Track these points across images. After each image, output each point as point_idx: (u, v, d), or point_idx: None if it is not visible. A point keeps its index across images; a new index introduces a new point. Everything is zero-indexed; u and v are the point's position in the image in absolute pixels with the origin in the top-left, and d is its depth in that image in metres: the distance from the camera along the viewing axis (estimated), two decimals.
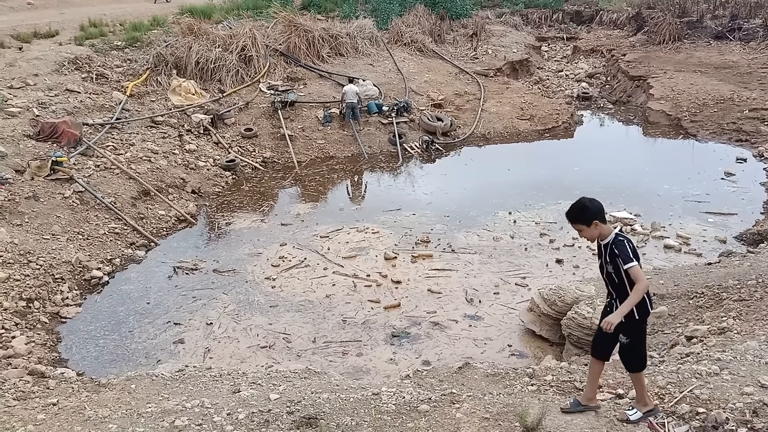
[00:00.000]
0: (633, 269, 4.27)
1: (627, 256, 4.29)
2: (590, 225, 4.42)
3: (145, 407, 5.42)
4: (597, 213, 4.43)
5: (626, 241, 4.37)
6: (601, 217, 4.44)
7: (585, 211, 4.44)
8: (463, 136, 17.09)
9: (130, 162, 13.14)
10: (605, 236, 4.46)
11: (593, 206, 4.45)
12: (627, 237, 4.45)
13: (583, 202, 4.48)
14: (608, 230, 4.47)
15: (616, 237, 4.42)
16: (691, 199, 12.86)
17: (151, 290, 9.97)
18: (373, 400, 5.39)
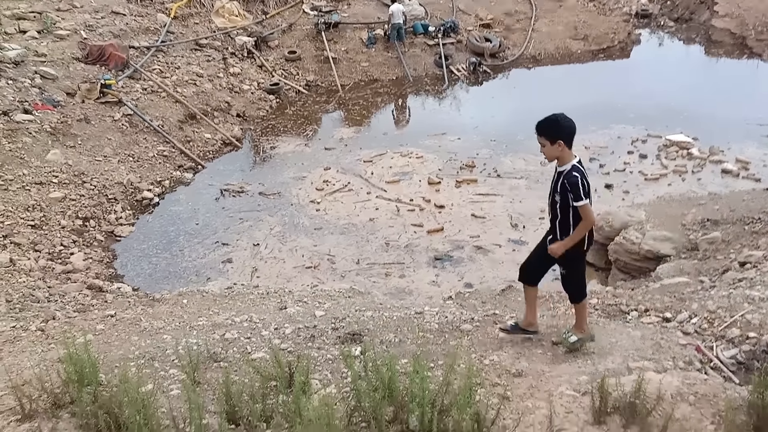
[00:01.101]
0: (583, 207, 4.15)
1: (579, 194, 4.11)
2: (554, 143, 4.18)
3: (196, 321, 5.63)
4: (564, 132, 4.17)
5: (581, 177, 4.14)
6: (566, 138, 4.18)
7: (553, 126, 4.18)
8: (512, 57, 16.43)
9: (176, 85, 13.19)
10: (564, 162, 4.24)
11: (564, 124, 4.18)
12: (583, 171, 4.23)
13: (555, 116, 4.21)
14: (569, 157, 4.23)
15: (571, 169, 4.19)
16: (753, 122, 12.17)
17: (200, 211, 10.21)
18: (416, 318, 5.46)
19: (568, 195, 4.17)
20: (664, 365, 4.14)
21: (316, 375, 4.25)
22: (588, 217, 4.19)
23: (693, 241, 7.40)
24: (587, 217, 4.18)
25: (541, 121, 4.24)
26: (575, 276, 4.53)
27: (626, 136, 12.01)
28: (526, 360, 4.52)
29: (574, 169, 4.19)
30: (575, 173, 4.16)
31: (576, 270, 4.52)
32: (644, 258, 7.56)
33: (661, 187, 10.24)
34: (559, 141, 4.16)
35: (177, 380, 4.23)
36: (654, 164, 11.02)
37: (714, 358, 4.39)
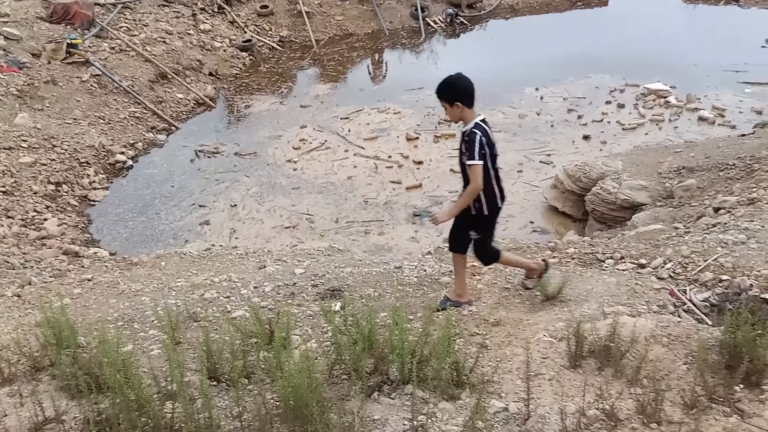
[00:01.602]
0: (473, 168, 4.10)
1: (473, 153, 4.09)
2: (452, 105, 4.16)
3: (175, 282, 5.61)
4: (461, 94, 4.14)
5: (479, 136, 4.10)
6: (465, 99, 4.14)
7: (450, 89, 4.15)
8: (490, 8, 16.19)
9: (145, 44, 12.81)
10: (466, 122, 4.21)
11: (460, 85, 4.14)
12: (484, 130, 4.18)
13: (451, 77, 4.17)
14: (471, 117, 4.20)
15: (473, 127, 4.16)
16: (730, 69, 12.21)
17: (175, 174, 10.06)
18: (395, 273, 5.49)
19: (466, 153, 4.16)
20: (639, 309, 4.22)
21: (297, 331, 4.28)
22: (474, 179, 4.12)
23: (668, 188, 7.48)
24: (474, 178, 4.12)
25: (439, 86, 4.22)
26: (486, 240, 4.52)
27: (604, 85, 11.99)
28: (504, 309, 4.58)
29: (475, 127, 4.16)
30: (475, 130, 4.14)
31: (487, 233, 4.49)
32: (620, 207, 7.64)
33: (639, 136, 10.29)
34: (456, 103, 4.13)
35: (157, 341, 4.23)
36: (632, 114, 11.04)
37: (687, 301, 4.49)
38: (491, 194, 4.32)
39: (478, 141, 4.09)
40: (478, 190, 4.16)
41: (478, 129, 4.15)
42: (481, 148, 4.10)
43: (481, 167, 4.12)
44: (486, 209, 4.33)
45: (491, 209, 4.37)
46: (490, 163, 4.25)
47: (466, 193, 4.20)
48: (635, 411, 3.19)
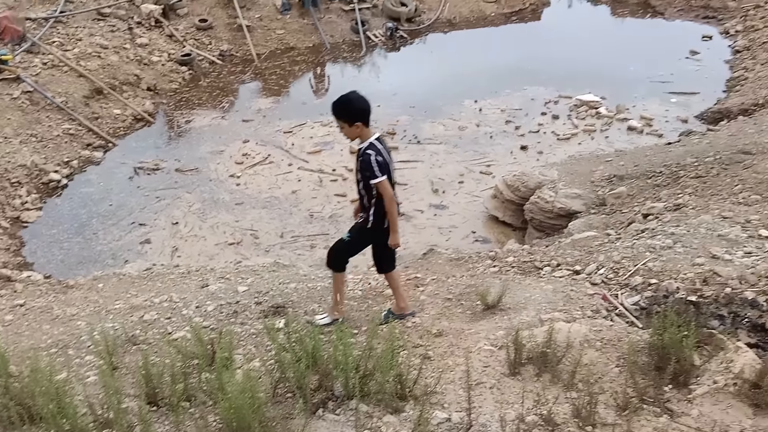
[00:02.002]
0: (379, 184, 4.19)
1: (373, 172, 4.16)
2: (352, 125, 4.19)
3: (113, 304, 5.47)
4: (361, 113, 4.19)
5: (374, 156, 4.16)
6: (363, 118, 4.20)
7: (349, 109, 4.20)
8: (428, 22, 16.46)
9: (79, 58, 12.44)
10: (363, 140, 4.27)
11: (359, 106, 4.20)
12: (379, 148, 4.23)
13: (349, 96, 4.23)
14: (368, 135, 4.25)
15: (367, 147, 4.21)
16: (656, 79, 12.80)
17: (113, 192, 9.80)
18: None
19: (366, 174, 4.22)
20: (574, 315, 4.38)
21: (240, 350, 4.25)
22: (385, 193, 4.21)
23: (601, 196, 7.78)
24: (386, 192, 4.21)
25: (335, 106, 4.25)
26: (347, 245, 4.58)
27: (539, 97, 12.37)
28: (446, 320, 4.68)
29: (369, 147, 4.20)
30: (369, 151, 4.18)
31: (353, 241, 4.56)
32: (557, 215, 7.90)
33: (573, 146, 10.66)
34: (357, 123, 4.17)
35: (93, 366, 4.12)
36: (566, 124, 11.43)
37: (619, 305, 4.69)
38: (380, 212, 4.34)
39: (374, 161, 4.15)
40: (393, 198, 4.27)
41: (372, 149, 4.20)
42: (379, 165, 4.16)
43: (386, 181, 4.20)
44: (371, 224, 4.40)
45: (376, 225, 4.41)
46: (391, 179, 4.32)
47: (387, 208, 4.26)
48: (571, 415, 3.32)
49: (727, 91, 11.99)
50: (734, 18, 14.85)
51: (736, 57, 13.25)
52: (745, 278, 4.70)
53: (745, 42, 13.49)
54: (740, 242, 5.30)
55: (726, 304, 4.47)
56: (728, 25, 14.72)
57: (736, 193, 6.37)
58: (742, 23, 14.43)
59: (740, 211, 5.90)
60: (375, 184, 4.20)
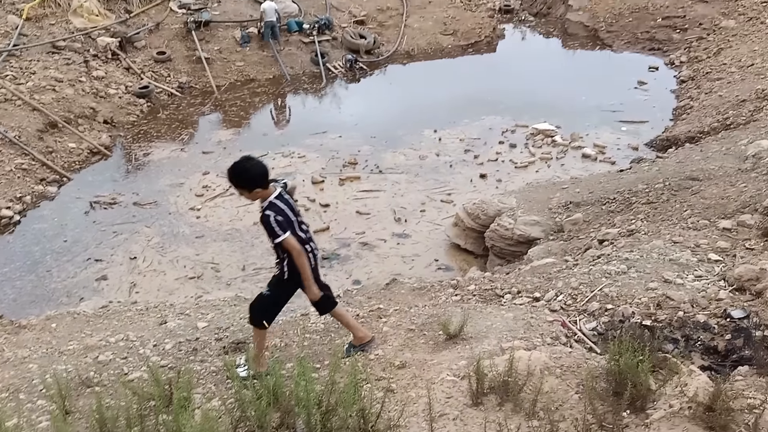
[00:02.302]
0: (284, 242, 4.14)
1: (274, 232, 4.12)
2: (251, 191, 4.14)
3: (66, 345, 5.30)
4: (258, 179, 4.11)
5: (273, 215, 4.10)
6: (262, 183, 4.13)
7: (246, 177, 4.11)
8: (387, 53, 16.76)
9: (33, 92, 12.22)
10: (264, 200, 4.21)
11: (256, 172, 4.12)
12: (278, 207, 4.15)
13: (243, 165, 4.14)
14: (268, 194, 4.19)
15: (266, 207, 4.15)
16: (607, 108, 13.26)
17: (68, 227, 9.57)
18: (302, 320, 5.47)
19: (268, 234, 4.18)
20: (534, 342, 4.43)
21: (199, 389, 4.16)
22: (293, 248, 4.16)
23: (559, 223, 7.95)
24: (291, 249, 4.16)
25: (231, 175, 4.16)
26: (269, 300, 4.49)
27: (497, 126, 12.65)
28: (409, 351, 4.67)
29: (268, 207, 4.14)
30: (267, 212, 4.12)
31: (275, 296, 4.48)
32: (517, 242, 8.03)
33: (530, 174, 10.90)
34: (256, 189, 4.12)
35: (45, 411, 3.97)
36: (523, 152, 11.70)
37: (577, 331, 4.77)
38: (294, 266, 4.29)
39: (273, 221, 4.09)
40: (301, 252, 4.20)
41: (271, 208, 4.13)
42: (279, 225, 4.10)
43: (290, 237, 4.13)
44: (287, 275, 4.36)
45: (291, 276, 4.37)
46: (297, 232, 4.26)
47: (297, 263, 4.21)
48: None
49: (674, 120, 12.48)
50: (678, 50, 15.55)
51: (681, 87, 13.83)
52: (696, 302, 4.85)
53: (690, 72, 14.09)
54: (691, 266, 5.47)
55: (679, 327, 4.60)
56: (673, 56, 15.39)
57: (685, 218, 6.59)
58: (687, 54, 15.11)
59: (690, 235, 6.10)
60: (280, 243, 4.14)
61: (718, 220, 6.26)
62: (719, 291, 4.95)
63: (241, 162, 4.16)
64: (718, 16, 15.92)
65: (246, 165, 4.14)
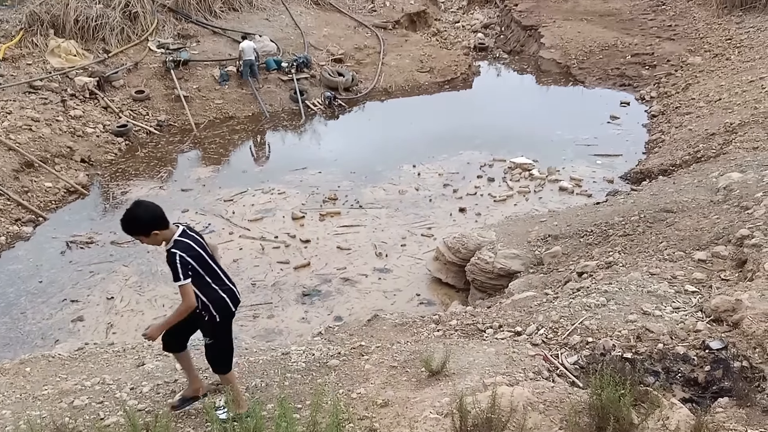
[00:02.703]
0: (181, 288, 3.99)
1: (176, 274, 3.97)
2: (149, 235, 4.01)
3: (41, 390, 5.16)
4: (153, 223, 3.99)
5: (178, 256, 3.97)
6: (158, 224, 4.00)
7: (138, 224, 3.99)
8: (365, 90, 16.99)
9: (8, 132, 12.13)
10: (168, 241, 4.07)
11: (149, 215, 3.99)
12: (185, 245, 4.05)
13: (132, 213, 3.99)
14: (170, 235, 4.06)
15: (172, 246, 4.03)
16: (581, 143, 13.54)
17: (43, 268, 9.41)
18: (282, 359, 5.40)
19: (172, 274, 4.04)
20: (517, 378, 4.43)
21: None
22: (185, 298, 4.00)
23: (538, 256, 8.02)
24: (184, 298, 4.00)
25: (123, 225, 4.05)
26: (222, 345, 4.38)
27: (474, 161, 12.82)
28: (392, 389, 4.64)
29: (174, 246, 4.03)
30: (173, 250, 4.01)
31: (222, 339, 4.36)
32: (498, 276, 8.07)
33: (509, 207, 11.03)
34: (153, 232, 4.00)
35: None
36: (501, 186, 11.85)
37: (559, 365, 4.78)
38: (218, 300, 4.21)
39: (178, 262, 3.96)
40: (189, 308, 4.04)
41: (177, 247, 4.01)
42: (184, 267, 3.97)
43: (188, 286, 4.00)
44: (217, 316, 4.23)
45: (223, 315, 4.26)
46: (204, 271, 4.13)
47: (177, 311, 4.07)
48: None
49: (647, 153, 12.77)
50: (648, 85, 16.01)
51: (652, 121, 14.20)
52: (675, 333, 4.91)
53: (660, 107, 14.49)
54: (668, 298, 5.54)
55: (659, 359, 4.64)
56: (643, 91, 15.83)
57: (661, 249, 6.70)
58: (656, 90, 15.55)
59: (666, 267, 6.20)
60: (178, 287, 4.00)
61: (693, 252, 6.38)
62: (697, 322, 5.02)
63: (131, 210, 4.01)
64: (684, 53, 16.48)
65: (136, 212, 3.99)
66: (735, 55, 15.02)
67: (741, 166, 8.70)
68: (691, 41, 17.03)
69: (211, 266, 4.22)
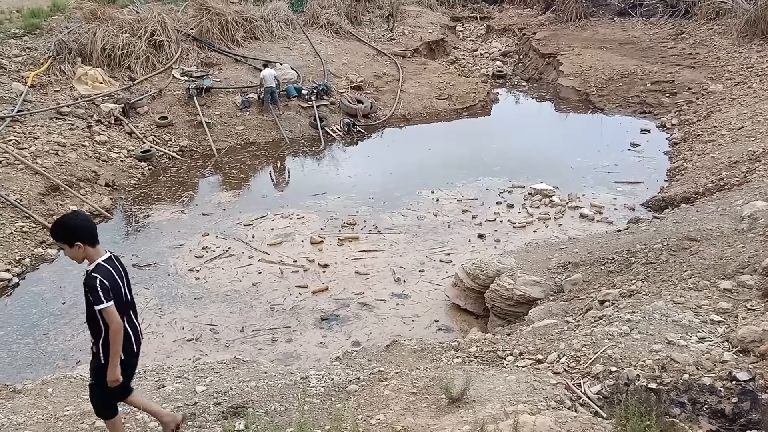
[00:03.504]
0: (105, 311, 3.89)
1: (98, 297, 3.87)
2: (72, 246, 3.93)
3: (63, 410, 5.20)
4: (79, 233, 3.94)
5: (98, 281, 3.90)
6: (84, 238, 3.95)
7: (65, 230, 3.95)
8: (384, 117, 17.14)
9: (36, 156, 12.41)
10: (91, 262, 4.01)
11: (76, 225, 3.97)
12: (107, 271, 3.98)
13: (65, 217, 4.05)
14: (95, 256, 4.01)
15: (94, 269, 3.96)
16: (602, 170, 13.47)
17: (66, 290, 9.52)
18: (301, 384, 5.40)
19: (89, 298, 3.96)
20: (538, 406, 4.38)
21: None
22: (111, 320, 3.90)
23: (558, 283, 7.95)
24: (111, 320, 3.90)
25: (52, 228, 4.06)
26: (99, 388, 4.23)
27: (493, 187, 12.82)
28: (411, 415, 4.60)
29: (96, 270, 3.96)
30: (93, 274, 3.93)
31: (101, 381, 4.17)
32: (518, 303, 8.01)
33: (528, 234, 10.97)
34: (77, 243, 3.94)
35: None
36: (521, 213, 11.80)
37: (582, 394, 4.71)
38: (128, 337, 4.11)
39: (98, 286, 3.88)
40: (120, 327, 3.96)
41: (98, 271, 3.95)
42: (104, 292, 3.89)
43: (112, 307, 3.91)
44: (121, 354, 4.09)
45: (126, 353, 4.13)
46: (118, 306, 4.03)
47: (112, 337, 3.95)
48: None
49: (669, 180, 12.67)
50: (669, 113, 15.94)
51: (674, 148, 14.10)
52: (701, 364, 4.82)
53: (682, 134, 14.41)
54: (694, 327, 5.45)
55: (685, 390, 4.55)
56: (664, 119, 15.76)
57: (685, 278, 6.61)
58: (677, 117, 15.48)
59: (691, 296, 6.11)
60: (100, 311, 3.90)
61: (718, 281, 6.28)
62: (723, 353, 4.93)
63: (66, 215, 4.04)
64: (705, 80, 16.43)
65: (67, 218, 4.02)
66: (757, 83, 14.94)
67: (766, 194, 8.59)
68: (711, 69, 16.98)
69: (126, 303, 4.12)
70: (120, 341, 3.98)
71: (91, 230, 3.99)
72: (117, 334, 3.95)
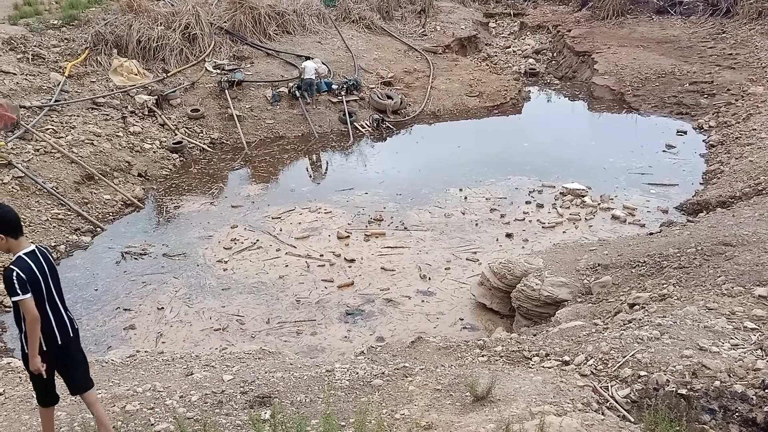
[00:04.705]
0: (21, 303, 3.91)
1: (12, 289, 3.87)
2: None
3: (95, 393, 5.30)
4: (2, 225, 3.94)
5: (15, 274, 3.89)
6: (7, 230, 3.95)
7: None
8: (414, 113, 17.10)
9: (72, 145, 12.68)
10: (14, 254, 4.02)
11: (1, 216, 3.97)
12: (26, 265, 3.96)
13: None
14: (17, 249, 4.01)
15: (13, 261, 3.96)
16: (635, 171, 13.25)
17: (99, 277, 9.73)
18: (326, 376, 5.43)
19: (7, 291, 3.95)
20: (564, 408, 4.33)
21: None
22: (28, 312, 3.92)
23: (587, 285, 7.85)
24: (27, 312, 3.92)
25: None
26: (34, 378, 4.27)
27: (523, 186, 12.70)
28: (436, 412, 4.60)
29: (15, 262, 3.96)
30: (12, 267, 3.93)
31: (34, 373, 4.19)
32: (544, 303, 7.93)
33: (557, 234, 10.85)
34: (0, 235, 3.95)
35: None
36: (551, 213, 11.67)
37: (609, 398, 4.65)
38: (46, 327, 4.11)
39: (15, 278, 3.88)
40: (36, 319, 3.97)
41: (17, 264, 3.95)
42: (20, 284, 3.88)
43: (28, 300, 3.91)
44: (44, 345, 4.12)
45: (48, 345, 4.15)
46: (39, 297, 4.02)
47: (28, 328, 3.99)
48: None
49: (704, 184, 12.40)
50: (707, 114, 15.58)
51: (710, 151, 13.79)
52: (733, 371, 4.71)
53: (719, 137, 14.08)
54: (726, 334, 5.34)
55: (716, 397, 4.46)
56: (702, 121, 15.41)
57: (719, 284, 6.47)
58: (715, 119, 15.13)
59: (725, 302, 5.98)
60: (16, 302, 3.93)
61: (753, 287, 6.14)
62: (756, 360, 4.82)
63: None
64: (746, 82, 16.04)
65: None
66: None
67: None
68: (752, 70, 16.57)
69: (50, 293, 4.14)
70: (36, 332, 4.00)
71: (12, 222, 4.01)
72: (33, 325, 3.98)
